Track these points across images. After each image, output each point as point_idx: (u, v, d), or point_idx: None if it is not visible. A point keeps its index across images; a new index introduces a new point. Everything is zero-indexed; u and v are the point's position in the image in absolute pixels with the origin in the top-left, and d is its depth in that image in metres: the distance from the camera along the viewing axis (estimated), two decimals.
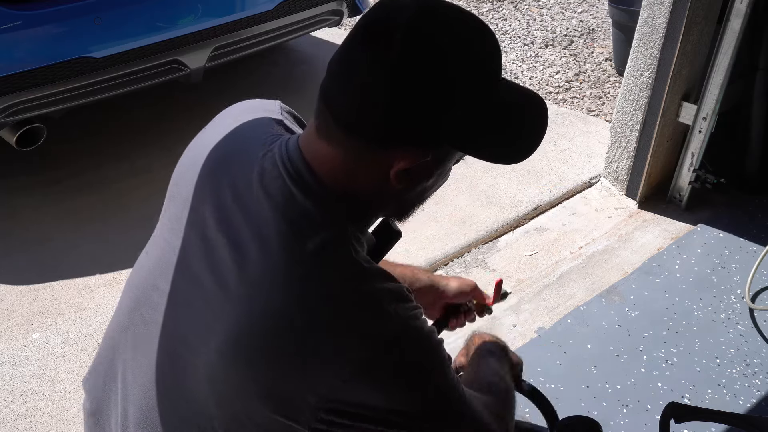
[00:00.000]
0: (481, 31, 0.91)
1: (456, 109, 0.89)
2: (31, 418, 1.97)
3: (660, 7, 2.46)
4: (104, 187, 2.92)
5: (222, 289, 0.93)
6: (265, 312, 0.90)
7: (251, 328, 0.90)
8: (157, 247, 1.08)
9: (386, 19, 0.87)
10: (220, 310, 0.93)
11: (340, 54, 0.91)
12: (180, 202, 1.05)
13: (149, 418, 1.02)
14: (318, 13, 3.27)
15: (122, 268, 2.50)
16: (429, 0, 0.90)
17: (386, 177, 0.92)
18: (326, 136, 0.92)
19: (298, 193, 0.92)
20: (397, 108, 0.87)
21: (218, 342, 0.92)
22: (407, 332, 0.95)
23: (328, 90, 0.92)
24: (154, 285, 1.04)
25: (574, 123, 3.34)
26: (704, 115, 2.56)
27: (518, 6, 4.70)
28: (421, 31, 0.86)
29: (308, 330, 0.89)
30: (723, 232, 2.60)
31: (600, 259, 2.50)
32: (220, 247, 0.95)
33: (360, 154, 0.91)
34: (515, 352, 1.43)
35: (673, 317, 2.23)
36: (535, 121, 0.99)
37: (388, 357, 0.92)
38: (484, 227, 2.69)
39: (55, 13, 2.58)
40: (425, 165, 0.92)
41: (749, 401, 1.95)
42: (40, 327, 2.26)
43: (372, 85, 0.86)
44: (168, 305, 1.00)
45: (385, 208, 1.02)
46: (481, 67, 0.91)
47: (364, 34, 0.89)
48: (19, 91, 2.56)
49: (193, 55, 2.92)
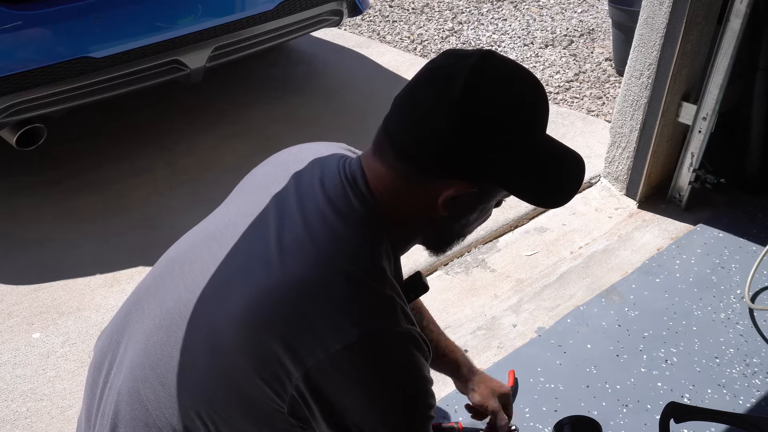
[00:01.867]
0: (535, 85, 1.04)
1: (504, 152, 1.00)
2: (32, 418, 1.97)
3: (660, 7, 2.46)
4: (104, 187, 2.92)
5: (262, 255, 1.03)
6: (288, 277, 0.99)
7: (271, 292, 0.99)
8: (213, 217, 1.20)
9: (452, 64, 1.00)
10: (252, 272, 1.02)
11: (407, 90, 1.03)
12: (248, 186, 1.20)
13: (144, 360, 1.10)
14: (318, 13, 3.27)
15: (122, 269, 2.50)
16: (490, 52, 1.02)
17: (434, 203, 1.03)
18: (381, 156, 1.04)
19: (351, 193, 1.04)
20: (453, 143, 0.98)
21: (240, 298, 1.01)
22: (405, 350, 1.00)
23: (390, 121, 1.04)
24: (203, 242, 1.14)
25: (574, 123, 3.34)
26: (704, 115, 2.56)
27: (518, 6, 4.70)
28: (483, 76, 0.98)
29: (318, 300, 0.97)
30: (723, 232, 2.60)
31: (600, 259, 2.50)
32: (269, 221, 1.06)
33: (412, 180, 1.02)
34: (516, 354, 1.44)
35: (673, 317, 2.23)
36: (572, 174, 1.11)
37: (379, 353, 0.97)
38: (483, 227, 2.69)
39: (55, 13, 2.58)
40: (471, 196, 1.04)
41: (749, 401, 1.95)
42: (40, 327, 2.27)
43: (434, 120, 0.98)
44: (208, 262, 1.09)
45: (425, 233, 1.12)
46: (531, 117, 1.03)
47: (431, 76, 1.01)
48: (19, 91, 2.55)
49: (193, 55, 2.93)
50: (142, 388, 1.09)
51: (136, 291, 1.22)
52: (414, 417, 1.02)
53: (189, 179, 2.96)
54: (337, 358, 0.94)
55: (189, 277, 1.10)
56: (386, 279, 1.02)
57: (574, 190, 1.11)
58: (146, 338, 1.11)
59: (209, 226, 1.17)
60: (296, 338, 0.96)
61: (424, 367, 1.03)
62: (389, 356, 0.98)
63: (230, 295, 1.03)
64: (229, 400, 1.04)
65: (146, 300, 1.17)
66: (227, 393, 1.03)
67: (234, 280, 1.04)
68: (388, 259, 1.05)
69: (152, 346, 1.10)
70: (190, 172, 3.01)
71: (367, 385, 0.97)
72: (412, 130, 1.00)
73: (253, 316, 0.99)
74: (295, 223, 1.03)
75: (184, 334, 1.06)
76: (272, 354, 0.97)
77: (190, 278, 1.10)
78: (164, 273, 1.17)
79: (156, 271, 1.20)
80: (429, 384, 1.05)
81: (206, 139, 3.23)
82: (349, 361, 0.95)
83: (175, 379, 1.06)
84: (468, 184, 1.01)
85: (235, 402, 1.03)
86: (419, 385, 1.03)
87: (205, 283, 1.07)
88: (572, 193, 1.10)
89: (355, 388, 0.97)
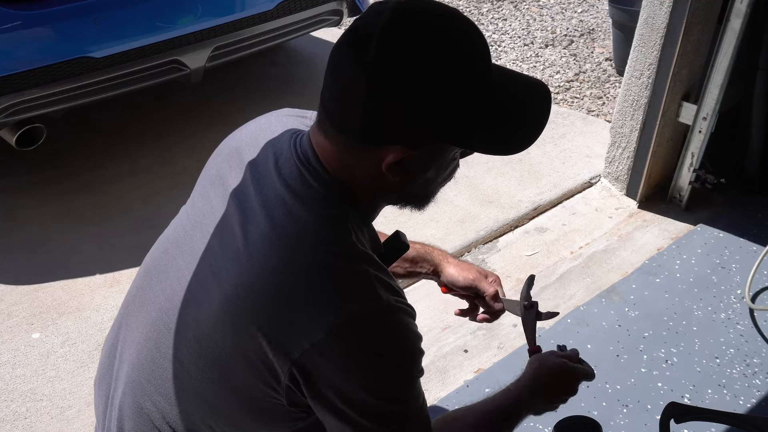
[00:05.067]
0: (462, 28, 0.95)
1: (436, 108, 0.93)
2: (31, 418, 1.97)
3: (660, 7, 2.46)
4: (104, 187, 2.92)
5: (231, 253, 1.02)
6: (260, 271, 0.98)
7: (245, 291, 0.98)
8: (180, 219, 1.20)
9: (367, 24, 0.93)
10: (224, 272, 1.01)
11: (331, 54, 0.98)
12: (207, 180, 1.17)
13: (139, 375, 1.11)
14: (318, 13, 3.27)
15: (122, 269, 2.50)
16: (408, 2, 0.94)
17: (380, 171, 0.98)
18: (323, 131, 1.00)
19: (306, 174, 1.01)
20: (377, 110, 0.93)
21: (216, 301, 1.00)
22: (386, 319, 0.98)
23: (322, 94, 0.99)
24: (174, 248, 1.14)
25: (574, 123, 3.34)
26: (704, 115, 2.56)
27: (518, 6, 4.70)
28: (395, 34, 0.91)
29: (293, 291, 0.96)
30: (723, 232, 2.60)
31: (600, 259, 2.50)
32: (232, 216, 1.04)
33: (354, 150, 0.98)
34: (515, 354, 1.42)
35: (673, 317, 2.23)
36: (533, 109, 1.02)
37: (361, 333, 0.96)
38: (484, 227, 2.69)
39: (55, 13, 2.58)
40: (418, 158, 0.98)
41: (749, 401, 1.95)
42: (40, 327, 2.26)
43: (354, 91, 0.93)
44: (182, 268, 1.09)
45: (388, 198, 1.07)
46: (461, 61, 0.94)
47: (349, 38, 0.96)
48: (19, 91, 2.55)
49: (193, 55, 2.92)
50: (143, 401, 1.10)
51: (123, 303, 1.22)
52: (407, 384, 1.02)
53: (189, 179, 2.93)
54: (322, 345, 0.94)
55: (167, 285, 1.10)
56: (357, 253, 1.00)
57: (540, 125, 1.02)
58: (138, 352, 1.12)
59: (177, 230, 1.16)
60: (278, 332, 0.96)
61: (410, 335, 1.01)
62: (372, 333, 0.97)
63: (207, 299, 1.02)
64: (230, 402, 1.04)
65: (133, 313, 1.17)
66: (226, 396, 1.03)
67: (208, 284, 1.03)
68: (358, 230, 1.03)
69: (144, 360, 1.10)
70: (189, 172, 3.01)
71: (357, 365, 0.97)
72: (339, 102, 0.96)
73: (232, 317, 0.99)
74: (257, 215, 1.01)
75: (172, 345, 1.06)
76: (259, 350, 0.97)
77: (169, 287, 1.09)
78: (144, 284, 1.16)
79: (137, 282, 1.20)
80: (418, 353, 1.03)
81: (206, 139, 3.22)
82: (334, 346, 0.95)
83: (173, 389, 1.06)
84: (405, 148, 0.95)
85: (236, 403, 1.03)
86: (407, 354, 1.02)
87: (183, 290, 1.06)
88: (538, 129, 1.01)
89: (345, 371, 0.97)
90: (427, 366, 2.09)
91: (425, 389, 2.00)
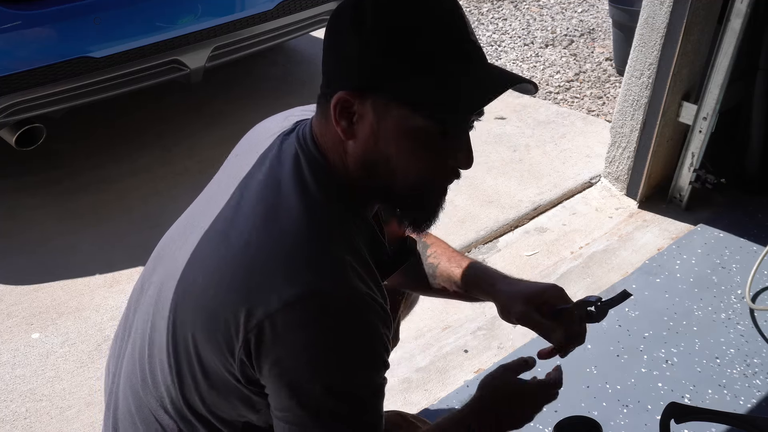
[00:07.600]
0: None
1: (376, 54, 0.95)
2: (31, 418, 1.97)
3: (660, 7, 2.46)
4: (104, 187, 2.92)
5: (216, 225, 1.06)
6: (243, 246, 1.00)
7: (219, 267, 1.01)
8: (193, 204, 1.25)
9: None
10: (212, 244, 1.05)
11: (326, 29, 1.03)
12: (223, 165, 1.24)
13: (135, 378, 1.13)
14: (318, 13, 3.27)
15: (122, 269, 2.50)
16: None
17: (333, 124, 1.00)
18: (320, 107, 1.04)
19: (302, 157, 1.03)
20: (329, 57, 1.00)
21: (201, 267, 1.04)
22: (349, 308, 0.97)
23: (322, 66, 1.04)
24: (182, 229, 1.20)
25: (574, 123, 3.34)
26: (704, 115, 2.56)
27: (518, 6, 4.70)
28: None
29: (264, 264, 0.97)
30: (723, 232, 2.60)
31: (600, 259, 2.50)
32: (231, 197, 1.08)
33: (324, 113, 1.02)
34: (515, 354, 1.41)
35: (674, 317, 2.23)
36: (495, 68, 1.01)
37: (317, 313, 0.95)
38: (484, 227, 2.69)
39: (55, 13, 2.58)
40: (364, 114, 0.97)
41: (749, 401, 1.95)
42: (40, 327, 2.26)
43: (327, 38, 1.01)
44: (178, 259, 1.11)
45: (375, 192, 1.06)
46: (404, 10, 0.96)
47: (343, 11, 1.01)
48: (19, 91, 2.55)
49: (193, 55, 2.92)
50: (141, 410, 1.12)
51: (131, 296, 1.25)
52: (357, 384, 0.99)
53: (189, 179, 2.95)
54: (276, 316, 0.93)
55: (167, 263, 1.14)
56: (336, 240, 0.99)
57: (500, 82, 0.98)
58: (143, 329, 1.14)
59: (188, 213, 1.23)
60: (241, 299, 0.96)
61: (372, 333, 0.98)
62: (329, 317, 0.95)
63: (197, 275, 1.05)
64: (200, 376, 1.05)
65: (138, 297, 1.20)
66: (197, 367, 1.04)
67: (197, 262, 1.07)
68: (346, 220, 1.03)
69: (143, 334, 1.14)
70: (190, 172, 3.01)
71: (309, 345, 0.95)
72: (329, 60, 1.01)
73: (204, 294, 1.01)
74: (252, 194, 1.04)
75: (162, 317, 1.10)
76: (222, 323, 0.98)
77: (165, 266, 1.14)
78: (149, 267, 1.22)
79: (145, 272, 1.23)
80: (378, 357, 1.00)
81: (206, 139, 3.23)
82: (288, 318, 0.93)
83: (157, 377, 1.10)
84: (348, 92, 0.96)
85: (203, 377, 1.04)
86: (364, 351, 0.98)
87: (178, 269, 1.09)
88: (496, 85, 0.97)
89: (296, 348, 0.95)
90: (427, 366, 2.09)
91: (425, 389, 2.01)
